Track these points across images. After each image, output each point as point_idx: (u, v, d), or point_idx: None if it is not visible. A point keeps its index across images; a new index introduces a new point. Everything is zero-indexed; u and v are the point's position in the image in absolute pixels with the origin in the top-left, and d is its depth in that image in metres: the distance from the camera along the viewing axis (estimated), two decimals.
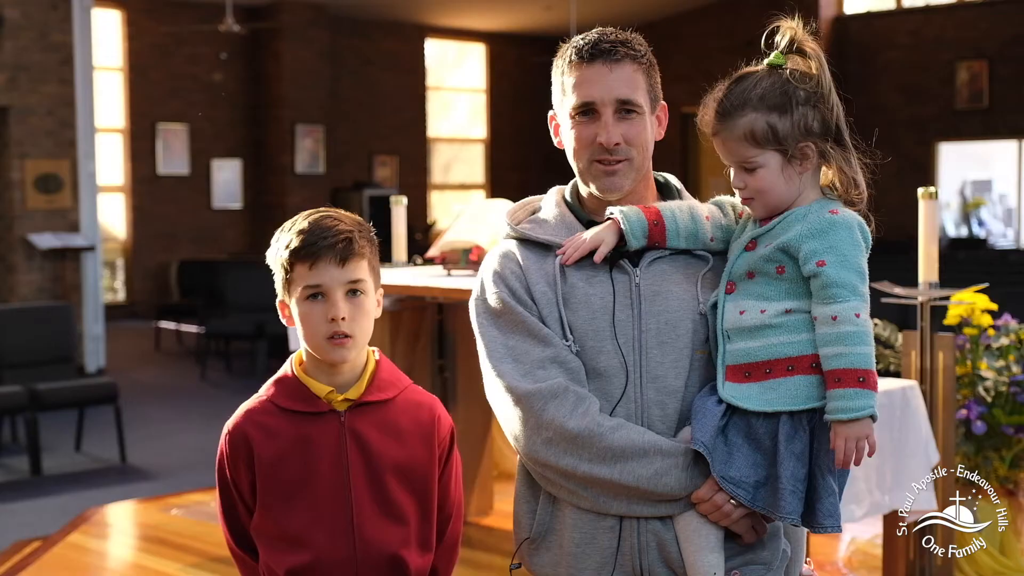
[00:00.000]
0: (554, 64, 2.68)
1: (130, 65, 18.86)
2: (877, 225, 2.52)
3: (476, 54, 23.88)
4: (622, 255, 2.59)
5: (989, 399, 5.58)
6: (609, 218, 2.59)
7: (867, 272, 2.43)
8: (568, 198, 2.74)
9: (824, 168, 2.51)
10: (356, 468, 2.59)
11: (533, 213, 2.76)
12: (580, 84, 2.60)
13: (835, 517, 2.43)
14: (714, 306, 2.53)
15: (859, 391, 2.36)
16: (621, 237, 2.57)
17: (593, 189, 2.65)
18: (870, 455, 2.40)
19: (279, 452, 2.58)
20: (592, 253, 2.58)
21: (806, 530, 2.55)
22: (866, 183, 2.51)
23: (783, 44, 2.51)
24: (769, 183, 2.46)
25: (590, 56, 2.59)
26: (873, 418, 2.37)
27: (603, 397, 2.54)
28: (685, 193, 2.76)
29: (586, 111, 2.60)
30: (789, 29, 2.51)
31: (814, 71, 2.47)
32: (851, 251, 2.41)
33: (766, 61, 2.52)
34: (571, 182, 2.75)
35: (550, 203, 2.74)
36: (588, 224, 2.65)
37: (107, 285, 18.63)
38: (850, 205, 2.49)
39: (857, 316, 2.37)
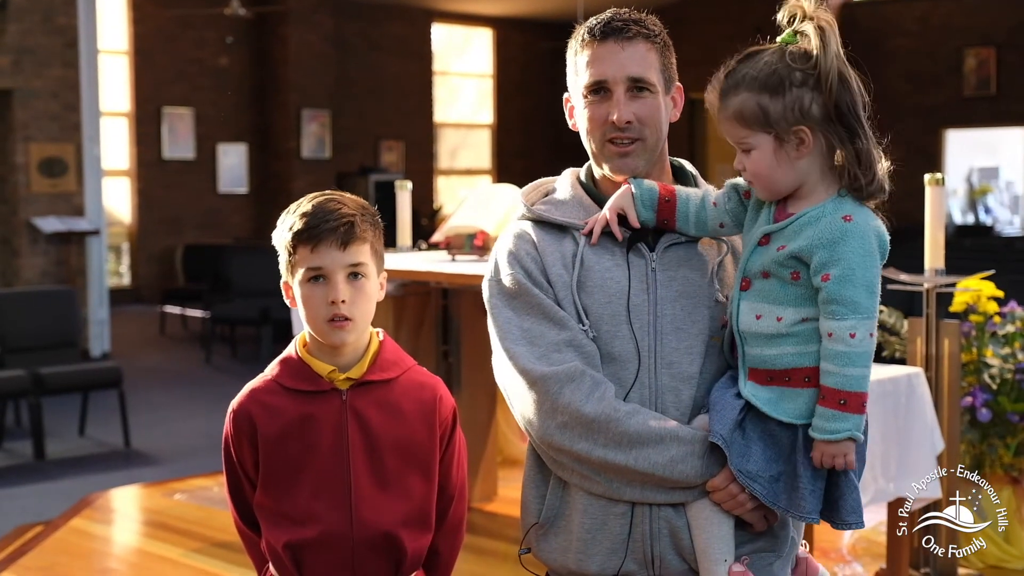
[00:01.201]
0: (568, 46, 2.66)
1: (135, 49, 18.82)
2: (885, 213, 2.45)
3: (483, 39, 23.83)
4: (639, 239, 2.57)
5: (994, 386, 5.57)
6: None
7: (877, 285, 2.34)
8: (583, 179, 2.71)
9: (838, 156, 2.39)
10: (356, 446, 2.60)
11: (547, 194, 2.73)
12: (592, 62, 2.57)
13: (858, 513, 2.41)
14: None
15: (837, 413, 2.32)
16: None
17: (606, 170, 2.62)
18: (848, 468, 2.38)
19: (281, 430, 2.61)
20: (612, 236, 2.56)
21: None
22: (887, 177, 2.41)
23: (784, 21, 2.42)
24: (763, 166, 2.39)
25: (602, 34, 2.57)
26: (854, 439, 2.34)
27: (616, 382, 2.51)
28: (700, 180, 2.73)
29: (598, 89, 2.58)
30: (796, 7, 2.41)
31: (816, 53, 2.36)
32: (859, 263, 2.32)
33: (778, 39, 2.43)
34: (586, 164, 2.72)
35: (565, 184, 2.71)
36: (603, 206, 2.62)
37: (112, 269, 18.64)
38: (859, 192, 2.38)
39: (852, 336, 2.30)
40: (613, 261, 2.56)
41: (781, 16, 2.44)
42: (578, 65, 2.62)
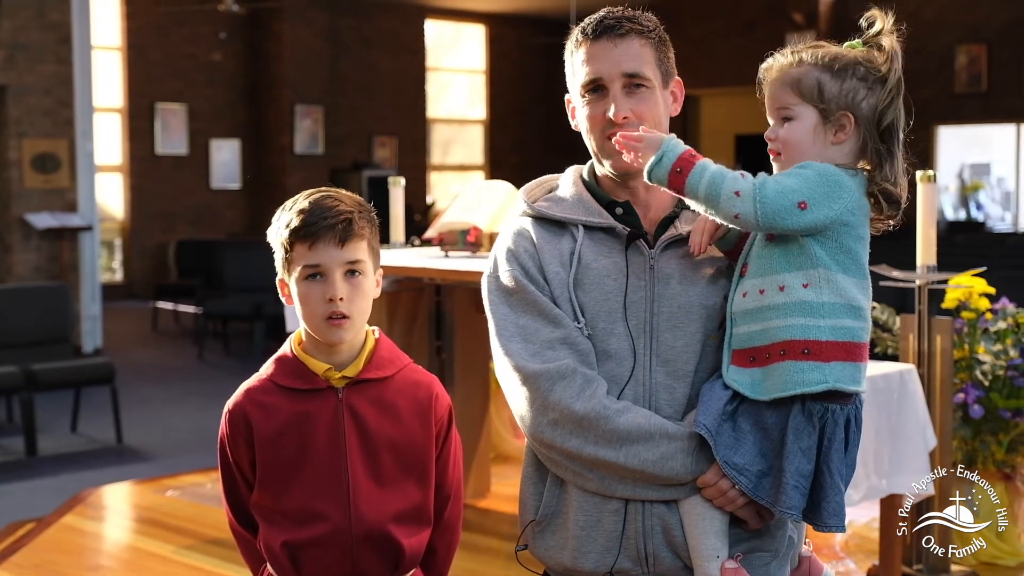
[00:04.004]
0: (565, 47, 2.66)
1: (128, 44, 18.81)
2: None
3: (476, 35, 23.83)
4: (639, 235, 2.57)
5: (986, 383, 5.57)
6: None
7: (789, 195, 2.35)
8: (586, 177, 2.71)
9: (863, 162, 2.48)
10: (352, 444, 2.60)
11: (550, 191, 2.73)
12: (587, 61, 2.58)
13: (840, 517, 2.40)
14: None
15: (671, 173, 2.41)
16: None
17: (607, 167, 2.62)
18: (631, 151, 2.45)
19: (277, 429, 2.60)
20: (612, 232, 2.57)
21: None
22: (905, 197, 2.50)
23: (867, 32, 2.51)
24: (797, 137, 2.45)
25: (595, 33, 2.58)
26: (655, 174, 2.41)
27: (611, 379, 2.52)
28: None
29: (595, 88, 2.58)
30: (879, 18, 2.51)
31: (884, 63, 2.46)
32: (797, 175, 2.39)
33: (844, 43, 2.52)
34: (589, 161, 2.72)
35: (567, 182, 2.71)
36: (607, 204, 2.63)
37: (105, 265, 18.62)
38: (880, 201, 2.46)
39: (736, 194, 2.36)
40: (611, 258, 2.56)
41: (864, 21, 2.52)
42: (574, 65, 2.62)
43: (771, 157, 2.52)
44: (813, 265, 2.40)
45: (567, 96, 2.70)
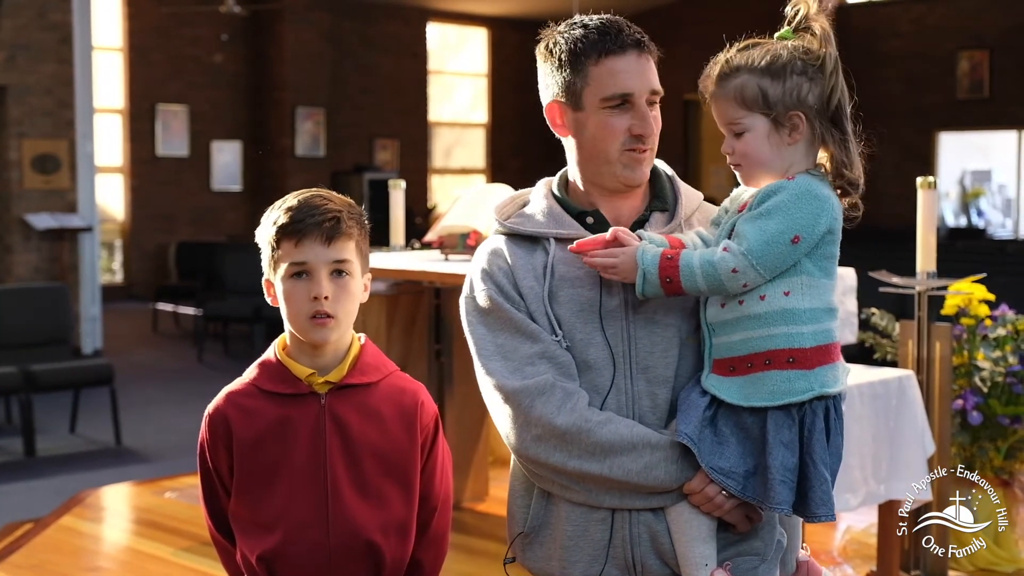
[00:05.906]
0: (554, 50, 2.60)
1: (130, 45, 18.82)
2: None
3: (478, 38, 23.83)
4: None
5: (985, 389, 5.57)
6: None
7: (779, 238, 2.36)
8: (556, 191, 2.69)
9: (821, 150, 2.48)
10: (334, 451, 2.55)
11: (522, 207, 2.72)
12: (615, 73, 2.54)
13: (828, 506, 2.40)
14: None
15: (655, 280, 2.41)
16: None
17: (620, 178, 2.59)
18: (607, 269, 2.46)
19: (258, 434, 2.56)
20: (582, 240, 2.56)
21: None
22: (863, 174, 2.48)
23: (794, 20, 2.49)
24: (754, 148, 2.44)
25: (622, 46, 2.55)
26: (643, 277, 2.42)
27: (593, 389, 2.52)
28: (677, 180, 2.72)
29: (623, 102, 2.56)
30: (803, 4, 2.48)
31: (819, 48, 2.44)
32: (776, 211, 2.37)
33: (775, 35, 2.50)
34: (559, 173, 2.71)
35: (538, 196, 2.70)
36: (577, 215, 2.62)
37: (105, 266, 18.62)
38: (845, 189, 2.46)
39: (734, 271, 2.36)
40: (584, 268, 2.54)
41: (790, 9, 2.50)
42: (588, 72, 2.56)
43: (733, 169, 2.51)
44: (796, 273, 2.41)
45: (554, 99, 2.64)
